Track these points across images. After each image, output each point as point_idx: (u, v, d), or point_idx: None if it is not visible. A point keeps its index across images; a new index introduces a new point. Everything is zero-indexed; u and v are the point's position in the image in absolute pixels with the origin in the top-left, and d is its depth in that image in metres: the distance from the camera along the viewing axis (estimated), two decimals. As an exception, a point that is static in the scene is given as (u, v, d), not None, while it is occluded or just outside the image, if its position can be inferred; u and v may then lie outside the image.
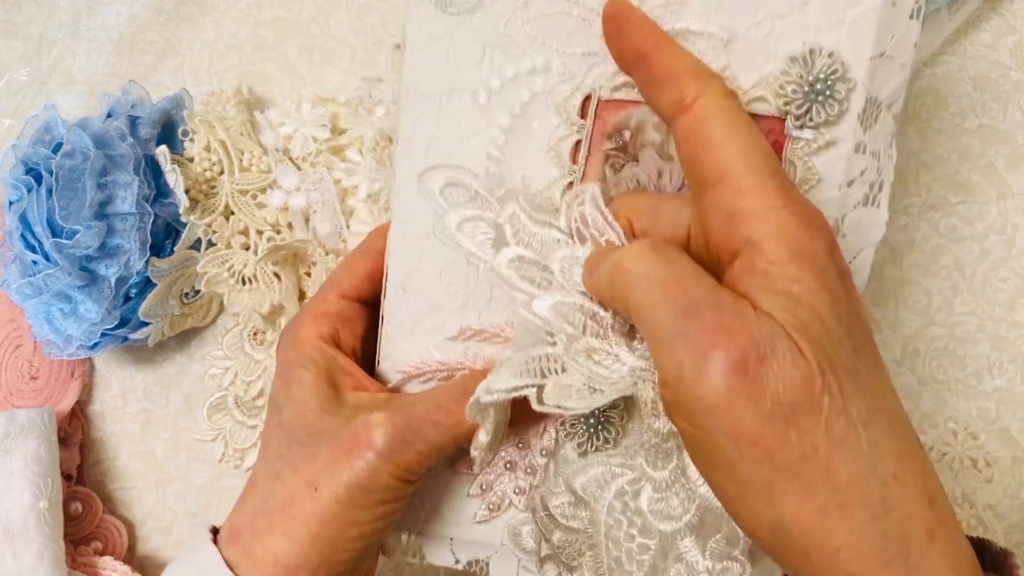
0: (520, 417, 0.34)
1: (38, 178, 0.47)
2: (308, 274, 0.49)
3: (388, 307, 0.36)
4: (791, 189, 0.26)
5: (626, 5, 0.29)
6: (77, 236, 0.45)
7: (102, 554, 0.51)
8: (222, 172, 0.49)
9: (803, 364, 0.24)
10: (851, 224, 0.33)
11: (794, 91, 0.31)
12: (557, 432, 0.35)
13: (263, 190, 0.49)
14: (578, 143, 0.33)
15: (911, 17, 0.31)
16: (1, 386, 0.53)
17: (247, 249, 0.49)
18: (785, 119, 0.31)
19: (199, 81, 0.55)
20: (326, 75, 0.54)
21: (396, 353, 0.36)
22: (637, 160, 0.33)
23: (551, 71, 0.32)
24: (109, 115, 0.50)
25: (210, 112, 0.50)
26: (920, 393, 0.48)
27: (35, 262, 0.47)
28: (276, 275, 0.48)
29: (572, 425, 0.34)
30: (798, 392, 0.24)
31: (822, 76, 0.30)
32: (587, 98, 0.32)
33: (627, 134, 0.33)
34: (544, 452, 0.36)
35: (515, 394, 0.29)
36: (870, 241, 0.33)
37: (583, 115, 0.32)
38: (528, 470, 0.35)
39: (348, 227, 0.49)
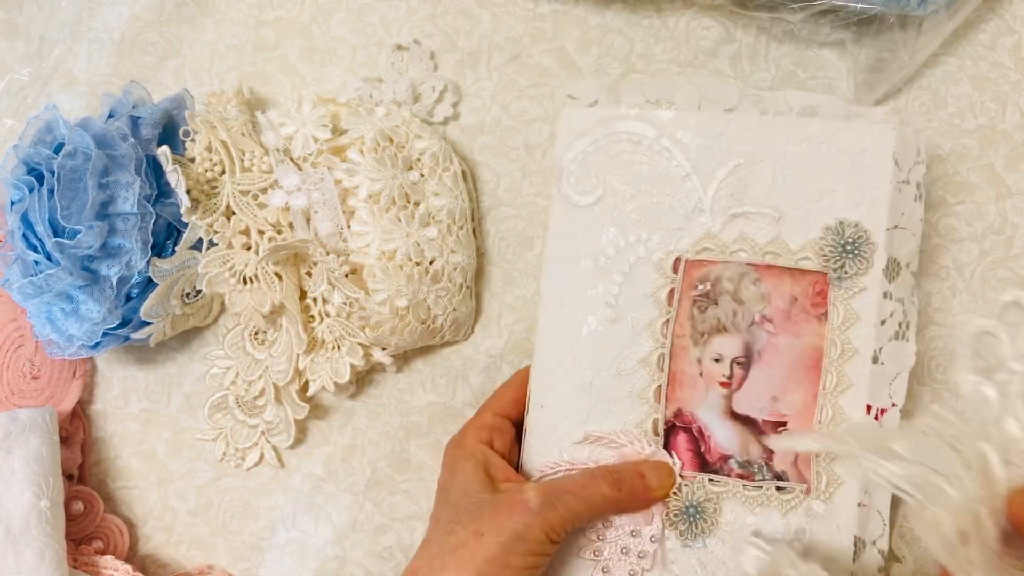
0: (634, 507, 0.43)
1: (40, 178, 0.47)
2: (309, 274, 0.50)
3: (530, 421, 0.46)
4: None
5: None
6: (79, 236, 0.45)
7: (103, 553, 0.52)
8: (223, 172, 0.49)
9: None
10: (887, 354, 0.43)
11: (831, 251, 0.42)
12: (663, 521, 0.43)
13: (264, 190, 0.49)
14: (672, 291, 0.44)
15: (915, 200, 0.43)
16: (3, 385, 0.54)
17: (248, 249, 0.49)
18: (826, 273, 0.43)
19: (200, 81, 0.55)
20: (327, 75, 0.54)
21: (534, 456, 0.46)
22: (717, 303, 0.44)
23: (651, 241, 0.44)
24: (110, 115, 0.50)
25: (211, 112, 0.50)
26: (920, 393, 0.48)
27: (37, 262, 0.47)
28: (277, 275, 0.49)
29: (675, 515, 0.43)
30: None
31: (851, 239, 0.42)
32: (677, 259, 0.44)
33: (708, 284, 0.44)
34: (653, 539, 0.43)
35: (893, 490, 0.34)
36: (904, 367, 0.44)
37: (675, 271, 0.44)
38: (640, 555, 0.43)
39: (349, 227, 0.49)
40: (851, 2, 0.46)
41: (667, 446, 0.44)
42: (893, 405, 0.43)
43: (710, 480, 0.43)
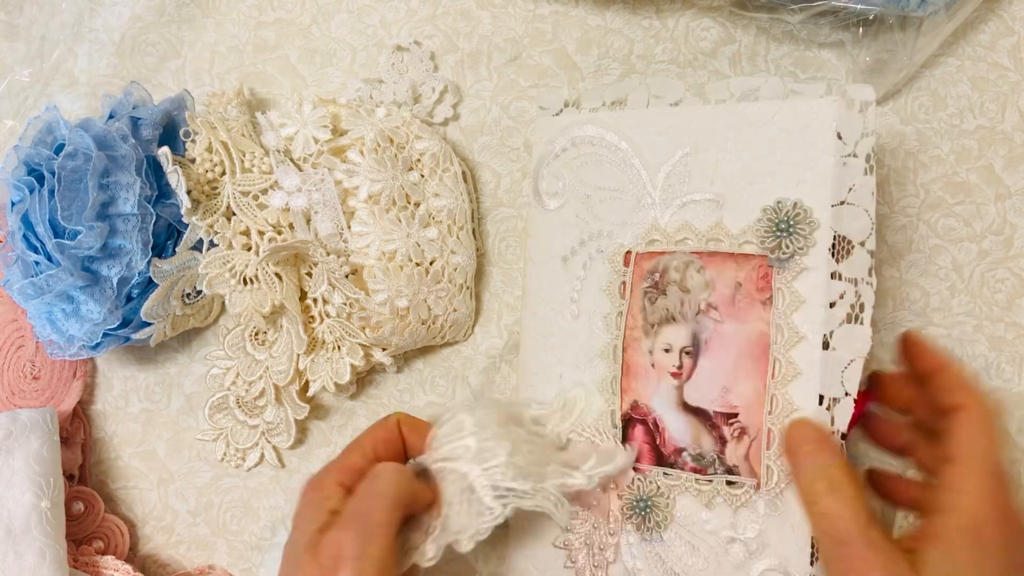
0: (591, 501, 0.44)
1: (40, 179, 0.47)
2: (309, 274, 0.50)
3: None
4: (1006, 492, 0.36)
5: (922, 338, 0.42)
6: (79, 237, 0.45)
7: (104, 553, 0.52)
8: (224, 173, 0.49)
9: None
10: (839, 338, 0.41)
11: (766, 231, 0.41)
12: (621, 514, 0.44)
13: (264, 191, 0.49)
14: (624, 284, 0.45)
15: (865, 173, 0.41)
16: (3, 386, 0.54)
17: (248, 250, 0.49)
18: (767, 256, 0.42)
19: (200, 82, 0.55)
20: (327, 76, 0.54)
21: None
22: (665, 294, 0.44)
23: (605, 236, 0.46)
24: (111, 116, 0.50)
25: (211, 113, 0.50)
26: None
27: (37, 263, 0.47)
28: (277, 275, 0.49)
29: (628, 508, 0.44)
30: None
31: (787, 218, 0.41)
32: (628, 252, 0.45)
33: (656, 275, 0.44)
34: (611, 532, 0.44)
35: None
36: (858, 353, 0.41)
37: (626, 263, 0.45)
38: (601, 546, 0.44)
39: (349, 227, 0.49)
40: (851, 3, 0.46)
41: (625, 439, 0.44)
42: (847, 395, 0.41)
43: (664, 474, 0.43)
